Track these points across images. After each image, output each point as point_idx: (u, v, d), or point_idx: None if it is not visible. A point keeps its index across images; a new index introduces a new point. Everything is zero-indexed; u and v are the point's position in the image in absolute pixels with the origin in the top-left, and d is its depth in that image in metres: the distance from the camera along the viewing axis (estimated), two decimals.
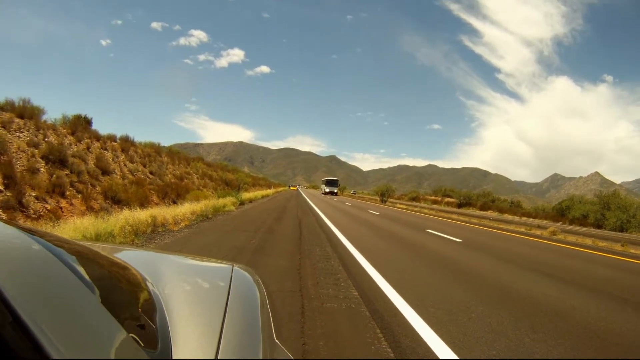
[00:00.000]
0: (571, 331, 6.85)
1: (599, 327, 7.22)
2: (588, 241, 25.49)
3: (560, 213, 53.52)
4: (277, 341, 1.98)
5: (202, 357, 1.45)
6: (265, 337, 1.84)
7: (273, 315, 2.19)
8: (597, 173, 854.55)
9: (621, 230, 38.61)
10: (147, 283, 1.92)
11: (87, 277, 1.45)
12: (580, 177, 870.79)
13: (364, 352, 5.37)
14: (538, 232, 30.74)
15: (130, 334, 1.30)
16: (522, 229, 32.69)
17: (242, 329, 1.79)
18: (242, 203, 36.71)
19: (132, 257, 2.54)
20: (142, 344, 1.33)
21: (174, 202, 27.75)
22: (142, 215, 14.82)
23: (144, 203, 22.50)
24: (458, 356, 5.43)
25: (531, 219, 48.39)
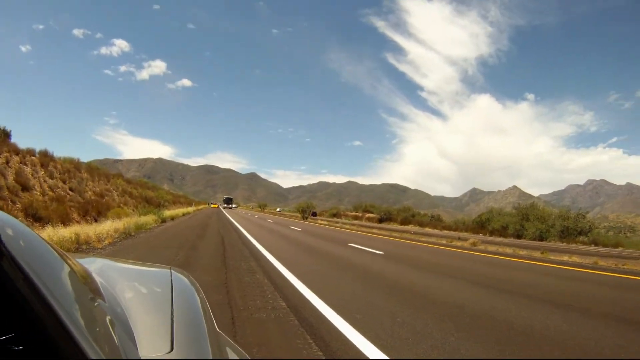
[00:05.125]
0: (494, 329, 7.34)
1: (520, 324, 7.76)
2: (508, 250, 26.85)
3: (481, 225, 55.04)
4: (219, 331, 2.23)
5: (161, 349, 1.65)
6: (210, 328, 2.07)
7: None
8: (515, 187, 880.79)
9: (540, 239, 40.44)
10: (107, 286, 2.09)
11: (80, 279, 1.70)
12: (499, 191, 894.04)
13: (297, 357, 5.50)
14: (459, 243, 31.89)
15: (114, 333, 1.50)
16: (444, 241, 33.73)
17: (189, 322, 2.04)
18: (163, 220, 36.60)
19: (87, 263, 2.64)
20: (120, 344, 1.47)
21: (95, 220, 27.09)
22: (65, 232, 14.66)
23: (65, 220, 21.86)
24: (387, 356, 5.64)
25: (452, 231, 49.73)
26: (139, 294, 2.26)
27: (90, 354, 1.15)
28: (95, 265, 2.57)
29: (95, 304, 1.60)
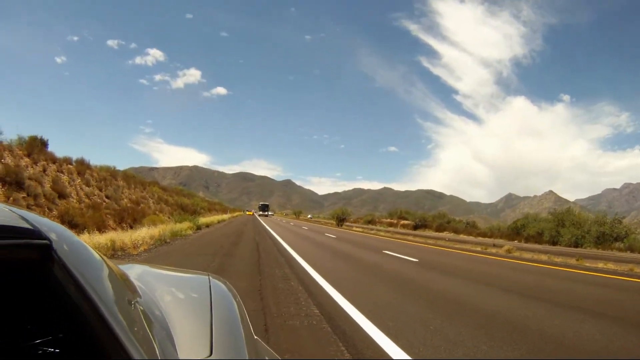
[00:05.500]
0: (527, 338, 7.28)
1: (553, 333, 7.68)
2: (544, 257, 26.41)
3: (516, 232, 54.31)
4: (256, 337, 2.30)
5: (201, 353, 1.74)
6: (247, 334, 2.15)
7: None
8: (551, 191, 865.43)
9: (576, 245, 39.54)
10: (147, 290, 2.22)
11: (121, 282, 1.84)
12: (535, 196, 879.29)
13: None
14: (494, 250, 31.52)
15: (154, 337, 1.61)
16: (478, 248, 33.38)
17: (228, 328, 2.14)
18: (199, 228, 36.95)
19: (126, 269, 2.71)
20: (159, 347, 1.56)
21: (131, 227, 27.45)
22: (101, 239, 14.87)
23: (100, 227, 22.25)
24: None
25: (487, 238, 49.00)
26: (178, 299, 2.38)
27: (135, 355, 1.21)
28: (134, 271, 2.69)
29: (136, 306, 1.69)
